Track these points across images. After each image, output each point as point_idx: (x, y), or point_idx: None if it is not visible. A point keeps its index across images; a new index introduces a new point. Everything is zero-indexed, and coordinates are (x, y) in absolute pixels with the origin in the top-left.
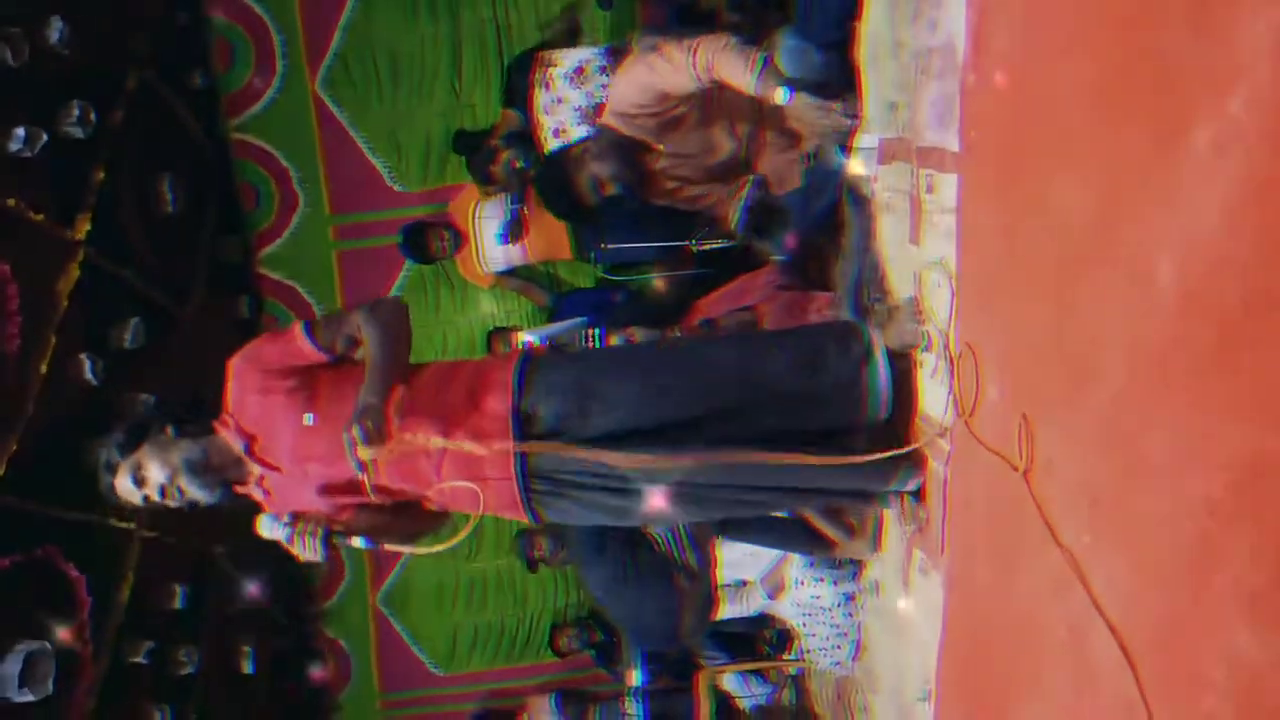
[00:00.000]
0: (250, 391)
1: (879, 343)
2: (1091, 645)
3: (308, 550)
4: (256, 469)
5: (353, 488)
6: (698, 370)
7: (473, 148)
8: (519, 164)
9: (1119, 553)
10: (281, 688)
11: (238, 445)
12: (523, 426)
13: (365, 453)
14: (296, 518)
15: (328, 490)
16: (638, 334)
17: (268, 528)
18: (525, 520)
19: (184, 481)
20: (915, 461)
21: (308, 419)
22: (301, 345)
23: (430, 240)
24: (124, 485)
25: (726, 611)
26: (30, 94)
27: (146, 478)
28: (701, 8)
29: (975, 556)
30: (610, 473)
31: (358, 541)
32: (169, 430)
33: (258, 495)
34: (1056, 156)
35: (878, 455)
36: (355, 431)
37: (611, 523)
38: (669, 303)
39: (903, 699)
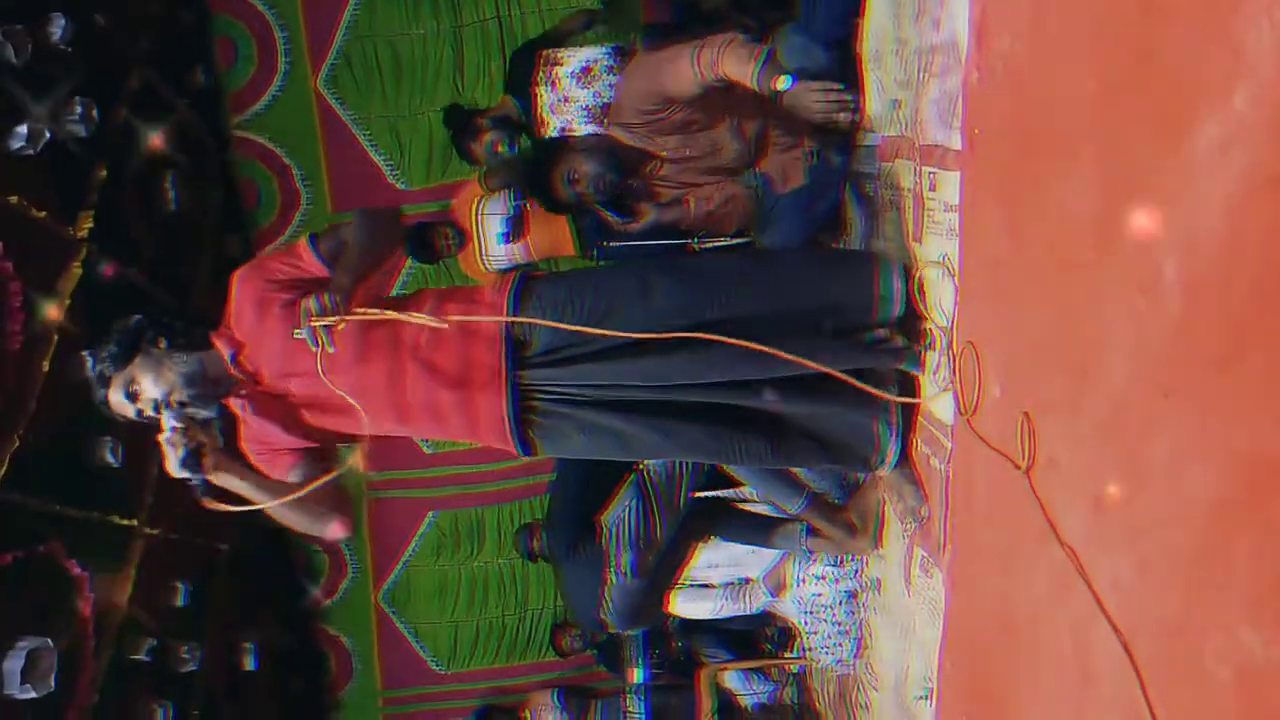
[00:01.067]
0: (249, 301)
1: (893, 256)
2: (1094, 644)
3: (173, 459)
4: (240, 376)
5: (330, 412)
6: (706, 275)
7: (462, 124)
8: (501, 148)
9: (1122, 551)
10: (283, 685)
11: (227, 353)
12: (516, 350)
13: (318, 320)
14: (189, 427)
15: (302, 411)
16: None
17: (165, 416)
18: (514, 451)
19: (181, 397)
20: (918, 353)
21: (298, 333)
22: (306, 256)
23: (435, 239)
24: (117, 399)
25: (728, 609)
26: (33, 91)
27: (140, 392)
28: (705, 7)
29: (977, 555)
30: (620, 385)
31: (214, 477)
32: (161, 343)
33: (238, 408)
34: (1059, 154)
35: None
36: (310, 302)
37: (619, 455)
38: None
39: (904, 697)
